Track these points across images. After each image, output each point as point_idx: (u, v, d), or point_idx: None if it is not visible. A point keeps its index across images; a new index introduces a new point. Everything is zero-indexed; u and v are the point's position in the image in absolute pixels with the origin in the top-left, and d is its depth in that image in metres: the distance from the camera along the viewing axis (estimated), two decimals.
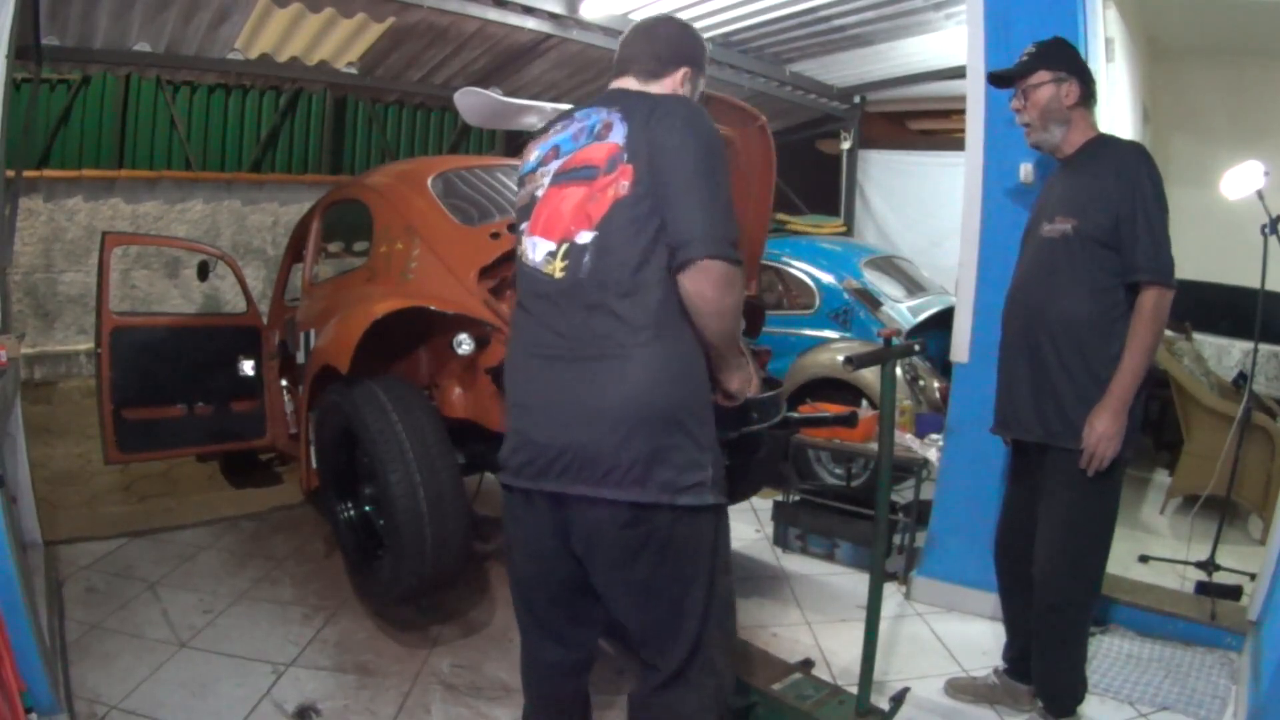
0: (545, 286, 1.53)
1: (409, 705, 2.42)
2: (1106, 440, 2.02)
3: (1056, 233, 2.12)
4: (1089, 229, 2.06)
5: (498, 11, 4.65)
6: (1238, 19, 3.95)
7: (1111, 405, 2.02)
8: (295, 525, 3.82)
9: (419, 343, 2.98)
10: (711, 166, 1.46)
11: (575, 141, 1.56)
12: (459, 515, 2.52)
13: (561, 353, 1.50)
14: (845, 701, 2.21)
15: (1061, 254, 2.11)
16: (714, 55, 5.44)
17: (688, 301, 1.45)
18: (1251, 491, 3.58)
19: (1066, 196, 2.14)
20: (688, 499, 1.48)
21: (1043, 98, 2.16)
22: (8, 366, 2.43)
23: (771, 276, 5.08)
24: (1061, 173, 2.23)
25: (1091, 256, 2.06)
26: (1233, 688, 2.50)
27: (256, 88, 6.44)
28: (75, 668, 2.48)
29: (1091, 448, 2.03)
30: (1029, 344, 2.17)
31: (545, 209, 1.56)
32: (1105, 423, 2.01)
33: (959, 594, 3.03)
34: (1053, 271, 2.13)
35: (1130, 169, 2.04)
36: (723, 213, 1.45)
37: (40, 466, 3.86)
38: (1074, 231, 2.08)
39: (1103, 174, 2.07)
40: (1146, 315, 2.00)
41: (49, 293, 5.94)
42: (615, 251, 1.46)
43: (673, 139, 1.45)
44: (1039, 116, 2.18)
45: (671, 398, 1.46)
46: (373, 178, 3.61)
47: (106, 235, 3.81)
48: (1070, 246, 2.09)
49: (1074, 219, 2.08)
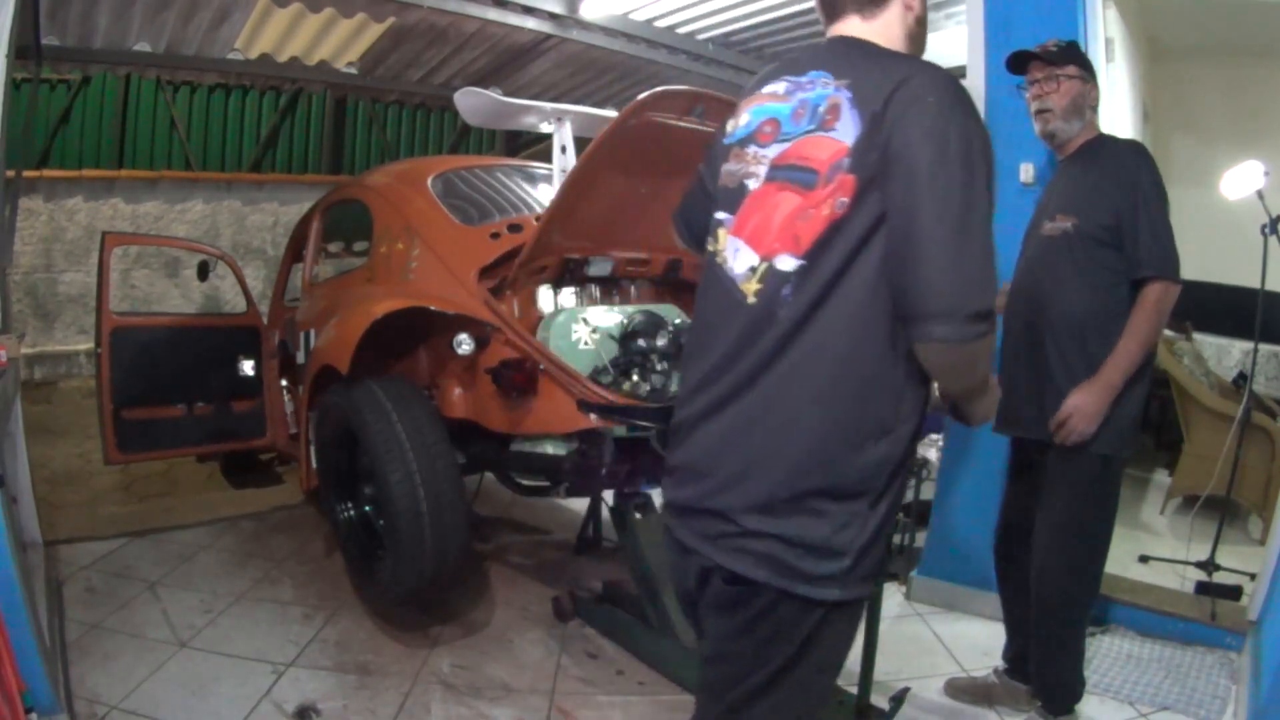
0: (733, 307, 1.21)
1: (409, 705, 2.42)
2: (1080, 415, 2.01)
3: (1057, 231, 2.12)
4: (1089, 226, 2.06)
5: (498, 11, 4.65)
6: (1238, 19, 3.95)
7: (1096, 384, 2.01)
8: (295, 525, 3.82)
9: (419, 343, 2.98)
10: (970, 198, 1.05)
11: (796, 124, 1.19)
12: (459, 515, 2.52)
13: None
14: (845, 701, 2.21)
15: (1063, 252, 2.11)
16: (714, 55, 5.49)
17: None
18: (1251, 491, 3.58)
19: (1067, 194, 2.15)
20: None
21: (1074, 89, 2.14)
22: (8, 366, 2.43)
23: None
24: (1063, 171, 2.24)
25: (1091, 254, 2.06)
26: (1233, 688, 2.50)
27: (256, 88, 6.45)
28: (75, 668, 2.48)
29: (1063, 417, 2.03)
30: (1030, 342, 2.17)
31: (756, 211, 1.22)
32: (1084, 398, 2.01)
33: (959, 594, 3.03)
34: (1054, 270, 2.13)
35: (1130, 167, 2.04)
36: (977, 267, 1.04)
37: (40, 466, 3.86)
38: (1074, 229, 2.08)
39: (1102, 172, 2.08)
40: (1148, 307, 2.00)
41: (49, 293, 5.95)
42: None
43: (919, 153, 1.05)
44: (1068, 105, 2.15)
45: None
46: (373, 178, 3.61)
47: (106, 235, 3.81)
48: (1071, 244, 2.09)
49: (1074, 217, 2.09)
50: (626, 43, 5.18)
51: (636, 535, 2.68)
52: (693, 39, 5.36)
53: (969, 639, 2.84)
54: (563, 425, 2.58)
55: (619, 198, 2.69)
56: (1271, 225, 2.86)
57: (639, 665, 2.67)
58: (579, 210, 2.61)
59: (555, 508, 4.15)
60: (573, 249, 2.75)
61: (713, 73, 5.69)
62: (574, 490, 2.71)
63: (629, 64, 5.53)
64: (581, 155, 2.50)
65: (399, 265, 3.06)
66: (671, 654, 2.58)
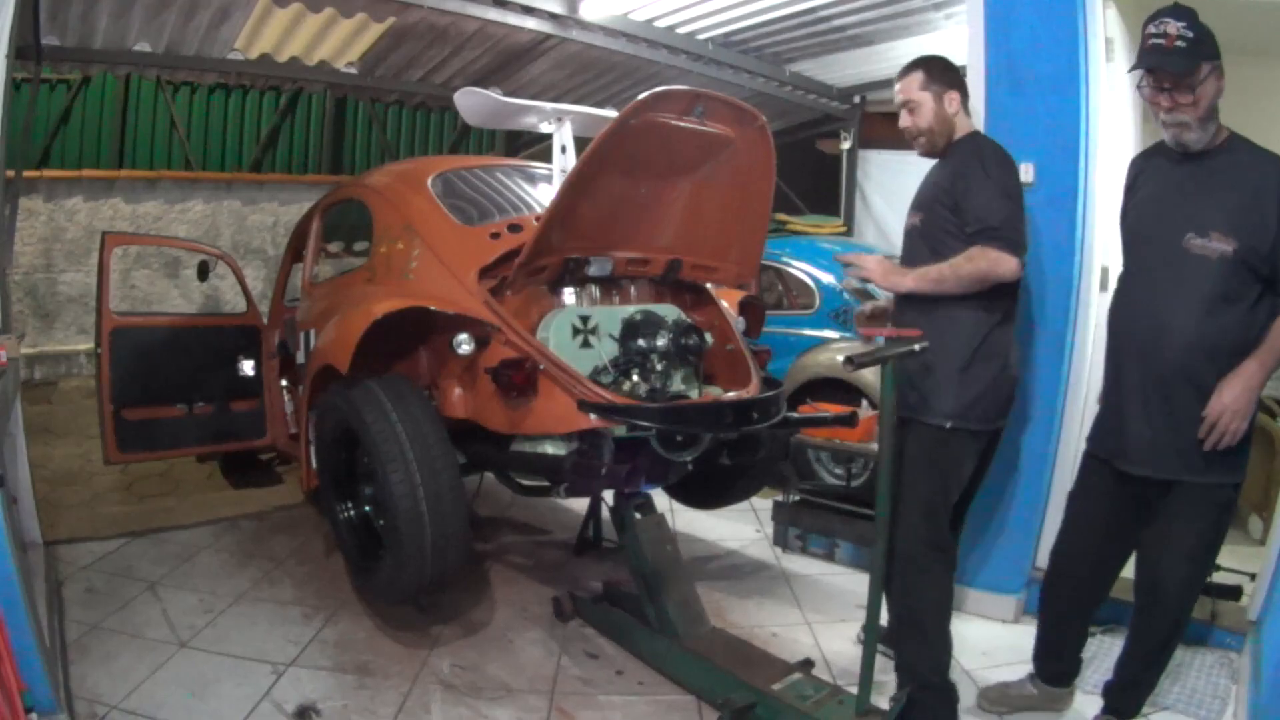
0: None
1: (409, 705, 2.42)
2: (1231, 414, 1.88)
3: (1213, 252, 1.90)
4: (1249, 255, 1.87)
5: (498, 11, 4.65)
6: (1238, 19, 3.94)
7: (1245, 374, 1.87)
8: (295, 525, 3.82)
9: (419, 343, 2.98)
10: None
11: None
12: (459, 515, 2.52)
13: None
14: (845, 701, 2.21)
15: (1216, 276, 1.90)
16: (714, 55, 5.49)
17: None
18: (1251, 491, 3.57)
19: (1221, 208, 1.92)
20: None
21: (1209, 92, 1.90)
22: (8, 366, 2.43)
23: (771, 276, 5.08)
24: (1183, 167, 2.01)
25: (1244, 281, 1.90)
26: (1233, 688, 2.50)
27: (256, 88, 6.44)
28: (75, 668, 2.49)
29: (1214, 417, 1.89)
30: (1160, 372, 1.99)
31: None
32: (1235, 393, 1.87)
33: (959, 594, 3.03)
34: (1199, 293, 1.92)
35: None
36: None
37: (40, 466, 3.86)
38: (1234, 255, 1.88)
39: (1258, 189, 1.88)
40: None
41: (49, 293, 5.94)
42: None
43: None
44: (1205, 113, 1.92)
45: None
46: (373, 178, 3.61)
47: (106, 235, 3.81)
48: (1226, 269, 1.89)
49: (1235, 240, 1.88)
50: (626, 43, 5.18)
51: (636, 535, 2.68)
52: (693, 39, 5.36)
53: (969, 639, 2.83)
54: (563, 425, 2.58)
55: (619, 198, 2.69)
56: None
57: (639, 665, 2.67)
58: (579, 210, 2.61)
59: (555, 508, 4.15)
60: (573, 249, 2.74)
61: (713, 73, 5.68)
62: (574, 490, 2.71)
63: (629, 64, 5.52)
64: (581, 155, 2.49)
65: (399, 265, 3.06)
66: (671, 654, 2.58)
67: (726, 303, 3.26)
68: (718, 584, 3.32)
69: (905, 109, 2.37)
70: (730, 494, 3.57)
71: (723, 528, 3.93)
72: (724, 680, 2.36)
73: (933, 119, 2.33)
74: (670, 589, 2.66)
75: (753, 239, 2.98)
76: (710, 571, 3.49)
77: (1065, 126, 2.77)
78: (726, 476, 3.34)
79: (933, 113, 2.33)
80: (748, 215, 2.91)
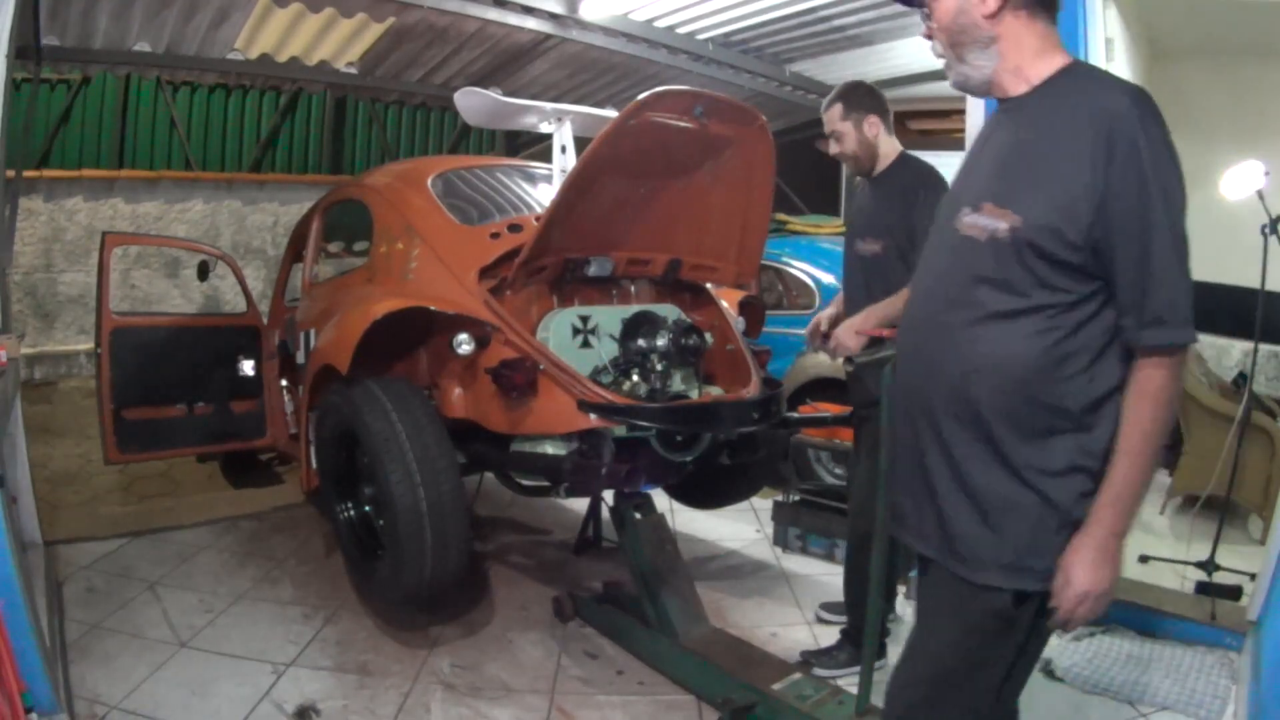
0: None
1: (409, 705, 2.42)
2: (1093, 600, 1.23)
3: (982, 232, 1.39)
4: (1040, 234, 1.37)
5: (498, 11, 4.65)
6: (1238, 19, 3.95)
7: (1096, 531, 1.23)
8: (295, 525, 3.82)
9: (419, 343, 2.98)
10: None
11: None
12: (459, 516, 2.52)
13: None
14: (845, 701, 2.21)
15: (989, 265, 1.71)
16: (714, 55, 5.49)
17: None
18: (1251, 491, 3.58)
19: (1004, 166, 1.36)
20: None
21: (950, 6, 1.32)
22: (8, 366, 2.43)
23: (771, 276, 5.08)
24: (1005, 125, 1.38)
25: (1035, 276, 1.42)
26: (1233, 688, 2.50)
27: (256, 88, 6.44)
28: (75, 668, 2.49)
29: (1067, 611, 1.24)
30: (917, 409, 1.52)
31: None
32: (1086, 571, 1.22)
33: None
34: (964, 292, 1.51)
35: None
36: None
37: (40, 466, 3.86)
38: (1013, 234, 1.38)
39: (1076, 136, 1.34)
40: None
41: (49, 293, 5.94)
42: None
43: None
44: (951, 33, 1.35)
45: None
46: (373, 178, 3.61)
47: (106, 235, 3.81)
48: (1002, 255, 1.49)
49: (1017, 212, 1.34)
50: (626, 43, 5.18)
51: (636, 535, 2.68)
52: (693, 39, 5.35)
53: None
54: (563, 425, 2.58)
55: (619, 198, 2.69)
56: (1271, 225, 2.87)
57: (639, 665, 2.67)
58: (579, 210, 2.61)
59: (555, 508, 4.15)
60: (573, 249, 2.74)
61: (713, 73, 5.68)
62: (574, 490, 2.71)
63: (629, 64, 5.52)
64: (582, 155, 2.50)
65: (399, 265, 3.06)
66: (671, 654, 2.58)
67: (726, 303, 3.26)
68: (718, 584, 3.32)
69: (832, 138, 2.56)
70: (730, 494, 3.57)
71: (723, 528, 3.93)
72: (724, 680, 2.35)
73: (856, 145, 2.52)
74: (670, 589, 2.66)
75: (753, 239, 2.98)
76: (710, 571, 3.49)
77: None
78: (726, 476, 3.34)
79: (855, 140, 2.52)
80: (748, 215, 2.91)
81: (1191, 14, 3.96)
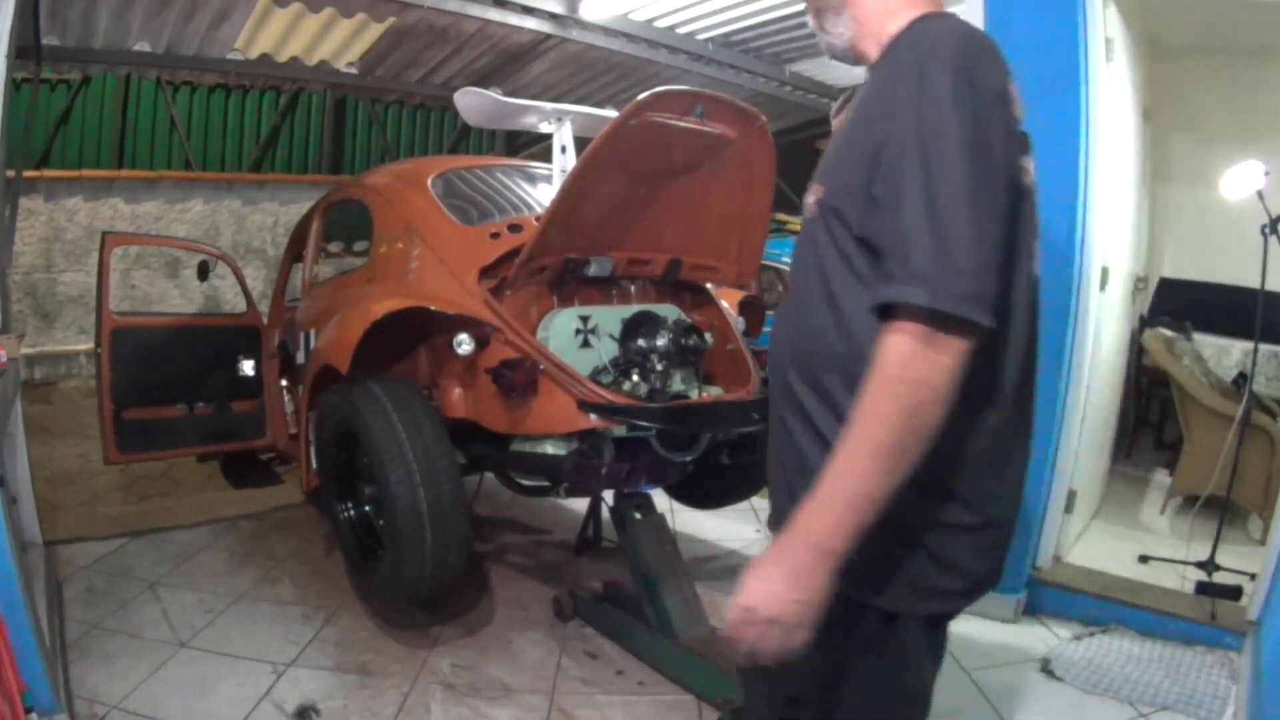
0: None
1: (409, 705, 2.42)
2: (762, 626, 1.01)
3: (809, 209, 1.31)
4: (837, 199, 1.25)
5: (498, 11, 4.65)
6: (1238, 19, 3.95)
7: (780, 550, 1.02)
8: (295, 525, 3.82)
9: (419, 343, 2.98)
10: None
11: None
12: (459, 516, 2.52)
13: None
14: None
15: (808, 240, 1.34)
16: (714, 55, 5.49)
17: None
18: (1251, 491, 3.58)
19: (837, 139, 1.32)
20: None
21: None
22: (8, 366, 2.43)
23: (771, 276, 5.08)
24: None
25: (839, 246, 1.29)
26: (1233, 688, 2.50)
27: (256, 88, 6.45)
28: (75, 668, 2.49)
29: (730, 630, 1.04)
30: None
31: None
32: (757, 588, 1.02)
33: None
34: (799, 270, 1.39)
35: None
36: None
37: (40, 466, 3.86)
38: (819, 206, 1.27)
39: (882, 91, 1.22)
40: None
41: (49, 293, 5.94)
42: None
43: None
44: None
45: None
46: (373, 178, 3.61)
47: (106, 235, 3.81)
48: (815, 229, 1.28)
49: (823, 182, 1.26)
50: (626, 43, 5.18)
51: (636, 535, 2.68)
52: (693, 39, 5.36)
53: (968, 638, 2.84)
54: (563, 425, 2.58)
55: (619, 198, 2.69)
56: (1271, 225, 2.87)
57: (639, 665, 2.67)
58: (579, 210, 2.61)
59: (555, 508, 4.15)
60: (573, 249, 2.74)
61: (713, 73, 5.68)
62: (574, 490, 2.71)
63: (629, 64, 5.53)
64: (582, 155, 2.49)
65: (399, 265, 3.06)
66: (671, 654, 2.58)
67: (726, 303, 3.26)
68: (718, 584, 3.31)
69: None
70: (730, 494, 3.57)
71: (723, 528, 3.93)
72: (724, 680, 2.35)
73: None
74: (670, 589, 2.66)
75: (753, 239, 2.98)
76: (710, 571, 3.49)
77: (1065, 126, 2.77)
78: (726, 476, 3.34)
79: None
80: (748, 215, 2.91)
81: (1191, 14, 3.96)
